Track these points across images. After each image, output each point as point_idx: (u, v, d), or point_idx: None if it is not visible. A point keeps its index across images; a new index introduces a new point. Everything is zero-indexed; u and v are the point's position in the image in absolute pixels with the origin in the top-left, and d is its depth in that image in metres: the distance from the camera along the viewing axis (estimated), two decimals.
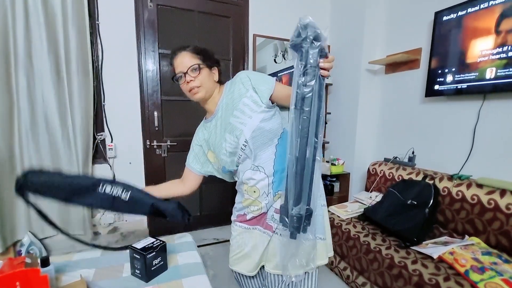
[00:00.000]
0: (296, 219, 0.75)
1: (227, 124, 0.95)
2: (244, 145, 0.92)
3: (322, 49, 0.64)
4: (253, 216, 1.01)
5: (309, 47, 0.63)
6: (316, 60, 0.65)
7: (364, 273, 1.59)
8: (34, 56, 1.71)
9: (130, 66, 2.06)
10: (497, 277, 1.11)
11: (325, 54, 0.66)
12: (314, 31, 0.62)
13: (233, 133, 0.93)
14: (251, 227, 1.01)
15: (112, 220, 2.13)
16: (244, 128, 0.90)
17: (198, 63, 0.93)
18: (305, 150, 0.70)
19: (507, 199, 1.37)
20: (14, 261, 0.82)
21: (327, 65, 0.67)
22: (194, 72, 0.93)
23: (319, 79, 0.67)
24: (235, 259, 1.07)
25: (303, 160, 0.71)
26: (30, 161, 1.77)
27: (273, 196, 0.96)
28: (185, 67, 0.93)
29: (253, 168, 0.95)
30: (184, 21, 2.19)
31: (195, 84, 0.93)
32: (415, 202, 1.62)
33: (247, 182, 0.97)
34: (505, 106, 1.56)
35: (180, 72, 0.94)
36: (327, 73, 0.69)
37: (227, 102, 0.96)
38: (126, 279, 1.02)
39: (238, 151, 0.94)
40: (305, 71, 0.65)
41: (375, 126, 2.47)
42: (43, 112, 1.78)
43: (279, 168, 0.94)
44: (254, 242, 1.01)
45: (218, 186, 2.53)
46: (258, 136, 0.91)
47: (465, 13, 1.63)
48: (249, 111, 0.91)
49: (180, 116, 2.29)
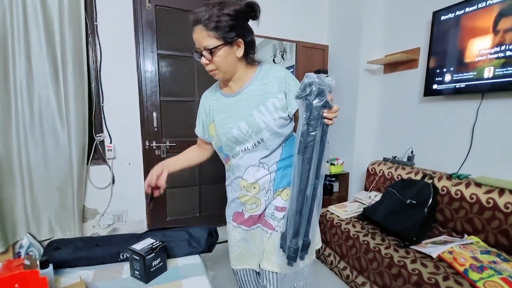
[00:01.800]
0: (293, 250, 0.80)
1: (248, 115, 0.88)
2: (258, 142, 0.89)
3: (326, 102, 0.69)
4: (250, 216, 0.98)
5: (313, 101, 0.69)
6: (319, 113, 0.70)
7: (363, 272, 1.59)
8: (32, 58, 1.71)
9: (129, 67, 2.06)
10: (496, 276, 1.11)
11: (330, 106, 0.70)
12: (319, 87, 0.67)
13: (250, 126, 0.88)
14: (250, 228, 0.99)
15: (112, 221, 2.13)
16: (265, 128, 0.88)
17: (211, 47, 0.80)
18: (305, 191, 0.75)
19: (506, 198, 1.37)
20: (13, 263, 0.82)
21: (331, 115, 0.71)
22: (209, 55, 0.82)
23: (322, 127, 0.72)
24: (238, 259, 1.04)
25: (303, 199, 0.76)
26: (29, 162, 1.77)
27: (273, 193, 0.94)
28: (201, 46, 0.82)
29: (258, 164, 0.92)
30: (182, 21, 2.19)
31: (211, 68, 0.86)
32: (414, 202, 1.63)
33: (248, 178, 0.94)
34: (503, 105, 1.56)
35: (197, 48, 0.85)
36: (330, 122, 0.72)
37: (255, 91, 0.89)
38: (126, 280, 1.01)
39: (247, 144, 0.91)
40: (308, 122, 0.70)
41: (374, 126, 2.47)
42: (41, 113, 1.77)
43: (283, 165, 0.93)
44: (255, 241, 0.99)
45: (218, 186, 2.53)
46: (273, 139, 0.90)
47: (463, 12, 1.63)
48: (274, 113, 0.87)
49: (179, 116, 2.29)
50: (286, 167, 0.94)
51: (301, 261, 0.83)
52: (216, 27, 0.78)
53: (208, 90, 1.05)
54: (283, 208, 0.94)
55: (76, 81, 1.81)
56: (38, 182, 1.81)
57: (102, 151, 2.05)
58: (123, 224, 2.19)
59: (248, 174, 0.93)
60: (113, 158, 2.08)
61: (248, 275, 1.08)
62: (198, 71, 2.29)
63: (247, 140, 0.90)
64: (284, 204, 0.94)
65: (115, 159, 2.09)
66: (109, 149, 2.05)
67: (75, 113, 1.83)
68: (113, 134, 2.06)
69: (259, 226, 0.98)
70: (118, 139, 2.09)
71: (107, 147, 2.04)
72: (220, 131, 0.92)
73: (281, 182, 0.94)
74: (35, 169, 1.79)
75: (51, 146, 1.82)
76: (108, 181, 2.09)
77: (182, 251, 1.20)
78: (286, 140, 0.94)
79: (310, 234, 0.81)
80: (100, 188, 2.07)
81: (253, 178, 0.93)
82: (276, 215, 0.95)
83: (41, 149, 1.80)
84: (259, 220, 0.98)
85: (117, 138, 2.08)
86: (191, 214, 2.47)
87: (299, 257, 0.81)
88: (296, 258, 0.81)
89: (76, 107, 1.83)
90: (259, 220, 0.98)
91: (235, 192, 1.00)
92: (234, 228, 1.03)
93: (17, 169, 1.75)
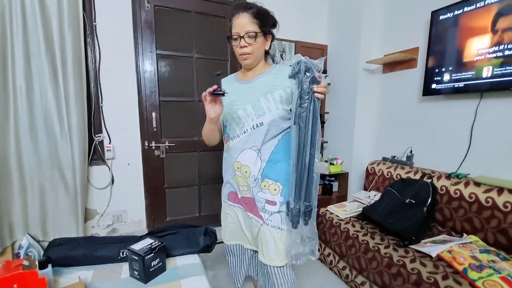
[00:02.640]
0: (295, 212, 0.92)
1: (255, 100, 0.99)
2: (257, 125, 0.99)
3: (313, 77, 0.81)
4: (243, 197, 1.08)
5: (303, 77, 0.82)
6: (309, 87, 0.82)
7: (363, 272, 1.59)
8: (31, 58, 1.71)
9: (128, 67, 2.06)
10: (495, 275, 1.11)
11: (318, 81, 0.82)
12: (305, 65, 0.81)
13: (255, 109, 0.99)
14: (244, 210, 1.10)
15: (111, 222, 2.13)
16: (268, 113, 0.98)
17: (256, 31, 0.95)
18: (303, 156, 0.87)
19: (505, 197, 1.37)
20: (12, 264, 0.82)
21: (319, 89, 0.82)
22: (250, 39, 0.95)
23: (313, 101, 0.83)
24: (232, 235, 1.17)
25: (302, 164, 0.87)
26: (28, 163, 1.77)
27: (260, 181, 1.03)
28: (242, 30, 0.94)
29: (255, 149, 1.01)
30: (181, 21, 2.19)
31: (248, 51, 0.96)
32: (413, 201, 1.63)
33: (241, 160, 1.03)
34: (502, 104, 1.57)
35: (236, 33, 0.96)
36: (320, 95, 0.83)
37: (266, 82, 1.01)
38: (125, 281, 1.01)
39: (247, 126, 1.01)
40: (300, 95, 0.83)
41: (373, 125, 2.47)
42: (40, 114, 1.77)
43: (274, 158, 1.02)
44: (246, 223, 1.11)
45: (217, 186, 2.52)
46: (272, 127, 1.00)
47: (462, 12, 1.63)
48: (279, 103, 0.98)
49: (179, 117, 2.29)
50: (277, 161, 1.02)
51: (305, 226, 0.93)
52: (262, 18, 0.96)
53: (227, 76, 1.17)
54: (273, 202, 1.02)
55: (75, 81, 1.81)
56: (37, 182, 1.80)
57: (101, 152, 2.05)
58: (122, 225, 2.19)
59: (242, 156, 1.03)
60: (112, 159, 2.08)
61: (237, 249, 1.23)
62: (197, 71, 2.29)
63: (248, 121, 1.00)
64: (273, 198, 1.02)
65: (114, 159, 2.09)
66: (108, 149, 2.04)
67: (75, 114, 1.83)
68: (112, 135, 2.06)
69: (252, 217, 1.07)
70: (117, 139, 2.08)
71: (106, 148, 2.04)
72: (227, 110, 1.03)
73: (269, 174, 1.02)
74: (34, 170, 1.79)
75: (51, 147, 1.81)
76: (107, 181, 2.09)
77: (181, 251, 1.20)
78: (283, 135, 1.03)
79: (311, 198, 0.91)
80: (100, 189, 2.07)
81: (246, 161, 1.02)
82: (267, 208, 1.02)
83: (40, 150, 1.79)
84: (252, 210, 1.06)
85: (116, 138, 2.08)
86: (191, 215, 2.46)
87: (303, 222, 0.92)
88: (299, 220, 0.92)
89: (76, 107, 1.82)
90: (252, 210, 1.06)
91: (230, 173, 1.10)
92: (229, 207, 1.15)
93: (15, 170, 1.74)
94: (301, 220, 0.93)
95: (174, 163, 2.31)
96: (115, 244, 1.17)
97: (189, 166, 2.38)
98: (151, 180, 2.23)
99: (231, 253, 1.25)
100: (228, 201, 1.15)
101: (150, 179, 2.23)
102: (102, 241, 1.21)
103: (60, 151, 1.83)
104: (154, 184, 2.25)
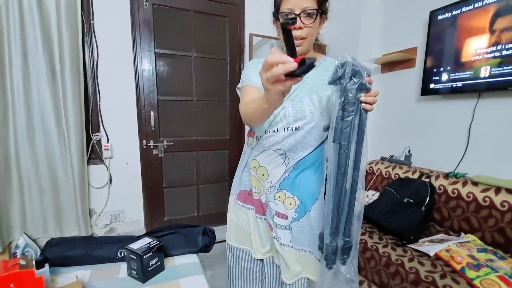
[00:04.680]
0: (331, 250, 0.74)
1: (298, 99, 0.81)
2: (292, 129, 0.82)
3: (361, 84, 0.63)
4: (255, 199, 0.94)
5: (348, 84, 0.63)
6: (355, 96, 0.64)
7: (361, 271, 1.60)
8: (29, 56, 1.70)
9: (126, 66, 2.05)
10: (492, 274, 1.12)
11: (367, 88, 0.64)
12: (353, 68, 0.62)
13: (295, 110, 0.81)
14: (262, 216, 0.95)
15: (109, 221, 2.12)
16: (309, 118, 0.81)
17: (316, 8, 0.74)
18: (343, 183, 0.69)
19: (502, 196, 1.38)
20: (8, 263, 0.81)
21: (369, 99, 0.64)
22: (309, 18, 0.75)
23: (359, 113, 0.66)
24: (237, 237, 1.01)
25: (340, 193, 0.70)
26: (26, 162, 1.75)
27: (276, 191, 0.88)
28: (298, 7, 0.73)
29: (280, 152, 0.85)
30: (180, 20, 2.18)
31: (302, 34, 0.76)
32: (412, 200, 1.63)
33: (260, 161, 0.88)
34: (499, 104, 1.57)
35: (289, 10, 0.74)
36: (370, 107, 0.65)
37: (313, 78, 0.81)
38: (123, 280, 1.01)
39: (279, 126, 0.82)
40: (343, 106, 0.65)
41: (371, 125, 2.48)
42: (38, 112, 1.76)
43: (300, 166, 0.87)
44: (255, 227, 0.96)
45: (216, 186, 2.52)
46: (311, 135, 0.83)
47: (460, 12, 1.64)
48: (324, 106, 0.81)
49: (177, 116, 2.28)
50: (304, 169, 0.87)
51: (342, 266, 0.76)
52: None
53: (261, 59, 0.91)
54: (284, 216, 0.88)
55: (73, 79, 1.80)
56: (36, 182, 1.79)
57: (99, 151, 2.04)
58: (120, 224, 2.18)
59: (263, 156, 0.88)
60: (110, 158, 2.07)
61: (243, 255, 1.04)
62: (196, 71, 2.28)
63: (282, 122, 0.82)
64: (285, 212, 0.88)
65: (112, 159, 2.08)
66: (106, 148, 2.04)
67: (74, 112, 1.82)
68: (110, 134, 2.05)
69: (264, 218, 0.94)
70: (115, 138, 2.07)
71: (104, 147, 2.03)
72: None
73: (287, 185, 0.87)
74: (33, 169, 1.77)
75: (48, 146, 1.80)
76: (105, 180, 2.08)
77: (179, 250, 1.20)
78: (317, 146, 0.87)
79: (352, 233, 0.74)
80: (97, 188, 2.06)
81: (266, 163, 0.87)
82: (278, 223, 0.89)
83: (38, 149, 1.78)
84: (264, 213, 0.94)
85: (114, 137, 2.07)
86: (189, 214, 2.46)
87: (340, 262, 0.75)
88: (335, 260, 0.74)
89: (74, 106, 1.82)
90: (264, 213, 0.94)
91: (247, 169, 0.95)
92: (239, 208, 1.00)
93: (13, 169, 1.73)
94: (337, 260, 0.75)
95: (173, 162, 2.30)
96: (113, 244, 1.17)
97: (188, 166, 2.37)
98: (149, 180, 2.23)
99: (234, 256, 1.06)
100: (237, 199, 1.00)
101: (148, 178, 2.22)
102: (100, 241, 1.20)
103: (57, 150, 1.82)
104: (152, 183, 2.25)
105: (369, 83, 0.64)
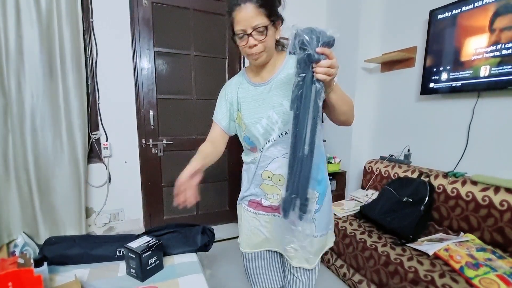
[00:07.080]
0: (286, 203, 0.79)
1: (278, 104, 0.84)
2: (285, 133, 0.85)
3: (309, 55, 0.63)
4: (270, 205, 0.95)
5: (298, 55, 0.64)
6: (302, 67, 0.64)
7: (360, 270, 1.60)
8: (25, 54, 1.69)
9: (125, 64, 2.04)
10: (491, 273, 1.12)
11: (315, 59, 0.63)
12: (301, 40, 0.62)
13: (280, 116, 0.84)
14: (267, 214, 0.96)
15: (108, 220, 2.12)
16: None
17: (265, 24, 0.76)
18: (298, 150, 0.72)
19: (501, 196, 1.38)
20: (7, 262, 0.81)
21: (318, 70, 0.64)
22: (260, 34, 0.77)
23: (312, 83, 0.66)
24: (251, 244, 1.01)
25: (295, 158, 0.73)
26: (25, 162, 1.75)
27: None
28: (249, 26, 0.75)
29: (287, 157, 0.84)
30: (179, 19, 2.18)
31: (259, 50, 0.79)
32: (411, 200, 1.63)
33: (272, 170, 0.90)
34: (499, 103, 1.57)
35: (241, 30, 0.77)
36: (321, 76, 0.64)
37: (283, 79, 0.85)
38: (122, 279, 1.01)
39: (274, 135, 0.86)
40: (298, 75, 0.66)
41: (371, 124, 2.48)
42: (38, 111, 1.75)
43: None
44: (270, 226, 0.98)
45: (215, 185, 2.52)
46: None
47: (460, 11, 1.64)
48: None
49: (176, 115, 2.27)
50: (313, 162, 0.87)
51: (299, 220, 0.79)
52: (268, 4, 0.76)
53: (233, 78, 0.98)
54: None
55: (75, 78, 1.79)
56: (35, 181, 1.78)
57: (98, 149, 2.04)
58: (119, 223, 2.17)
59: (273, 165, 0.90)
60: (109, 156, 2.07)
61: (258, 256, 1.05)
62: (195, 69, 2.28)
63: (273, 130, 0.86)
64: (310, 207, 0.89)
65: (111, 157, 2.08)
66: (105, 147, 2.03)
67: (76, 111, 1.81)
68: (109, 132, 2.05)
69: (277, 215, 0.95)
70: (114, 137, 2.07)
71: (103, 145, 2.03)
72: (248, 120, 0.89)
73: None
74: (33, 168, 1.77)
75: (49, 145, 1.79)
76: (104, 179, 2.07)
77: (178, 249, 1.20)
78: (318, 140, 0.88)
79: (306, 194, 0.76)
80: (96, 187, 2.06)
81: (278, 170, 0.89)
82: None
83: (37, 148, 1.77)
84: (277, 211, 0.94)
85: (113, 136, 2.07)
86: (188, 213, 2.46)
87: (298, 216, 0.78)
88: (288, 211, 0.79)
89: (76, 105, 1.81)
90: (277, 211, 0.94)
91: (256, 182, 0.96)
92: (250, 215, 1.00)
93: (12, 169, 1.73)
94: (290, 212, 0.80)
95: (172, 161, 2.30)
96: (112, 242, 1.16)
97: (187, 165, 2.36)
98: (148, 179, 2.22)
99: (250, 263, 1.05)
100: (248, 207, 1.01)
101: (147, 177, 2.22)
102: (99, 239, 1.20)
103: (57, 150, 1.81)
104: (151, 182, 2.24)
105: (323, 53, 0.63)
